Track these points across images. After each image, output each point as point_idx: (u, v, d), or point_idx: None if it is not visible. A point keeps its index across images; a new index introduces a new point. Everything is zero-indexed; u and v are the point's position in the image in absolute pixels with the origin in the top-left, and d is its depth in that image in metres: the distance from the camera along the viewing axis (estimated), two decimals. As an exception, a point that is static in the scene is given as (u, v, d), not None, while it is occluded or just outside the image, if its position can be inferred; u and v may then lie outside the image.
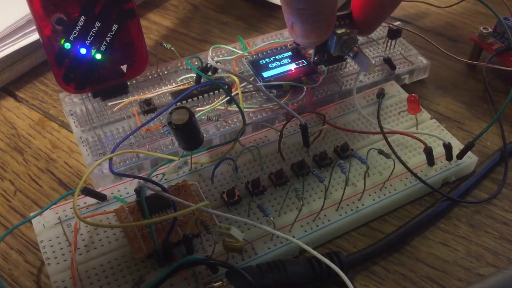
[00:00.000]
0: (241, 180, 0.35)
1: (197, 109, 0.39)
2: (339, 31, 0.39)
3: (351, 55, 0.39)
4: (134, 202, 0.33)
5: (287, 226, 0.33)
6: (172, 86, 0.41)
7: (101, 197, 0.34)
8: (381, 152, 0.34)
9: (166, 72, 0.43)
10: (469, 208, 0.36)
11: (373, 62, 0.38)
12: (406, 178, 0.36)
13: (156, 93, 0.40)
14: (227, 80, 0.41)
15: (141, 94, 0.40)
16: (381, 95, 0.40)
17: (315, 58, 0.42)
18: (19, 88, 0.44)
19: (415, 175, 0.35)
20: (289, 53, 0.42)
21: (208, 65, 0.40)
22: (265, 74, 0.41)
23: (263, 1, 0.52)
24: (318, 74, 0.42)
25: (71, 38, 0.36)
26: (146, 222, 0.30)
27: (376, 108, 0.39)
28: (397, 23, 0.44)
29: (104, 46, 0.38)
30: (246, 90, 0.40)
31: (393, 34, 0.44)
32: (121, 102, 0.39)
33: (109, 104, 0.40)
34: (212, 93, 0.40)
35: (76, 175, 0.38)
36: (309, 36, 0.34)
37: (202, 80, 0.40)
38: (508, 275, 0.31)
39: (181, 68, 0.43)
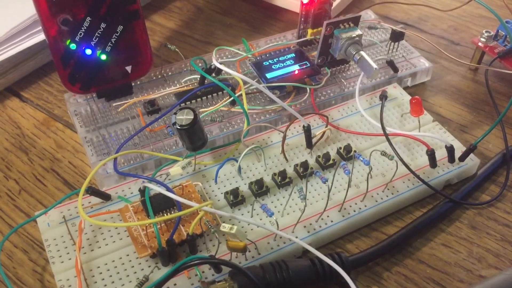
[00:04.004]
0: (244, 180, 0.36)
1: (201, 110, 0.39)
2: (344, 35, 0.40)
3: (355, 60, 0.39)
4: (138, 201, 0.33)
5: (290, 227, 0.33)
6: (176, 87, 0.41)
7: (106, 197, 0.34)
8: (383, 153, 0.34)
9: (170, 73, 0.43)
10: (471, 210, 0.36)
11: (377, 68, 0.38)
12: (409, 180, 0.36)
13: (160, 94, 0.40)
14: (230, 81, 0.41)
15: (146, 94, 0.41)
16: (384, 97, 0.40)
17: (319, 60, 0.42)
18: (24, 88, 0.45)
19: (418, 176, 0.35)
20: (292, 55, 0.43)
21: (212, 67, 0.40)
22: (269, 75, 0.41)
23: (267, 4, 0.53)
24: (321, 75, 0.42)
25: (77, 39, 0.37)
26: (150, 222, 0.30)
27: (379, 110, 0.39)
28: (400, 26, 0.44)
29: (109, 47, 0.38)
30: (250, 91, 0.41)
31: (396, 37, 0.44)
32: (126, 103, 0.40)
33: (114, 104, 0.40)
34: (216, 94, 0.41)
35: (81, 174, 0.38)
36: None
37: (206, 81, 0.41)
38: (510, 276, 0.31)
39: (185, 69, 0.43)
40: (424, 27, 0.52)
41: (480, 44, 0.45)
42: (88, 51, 0.37)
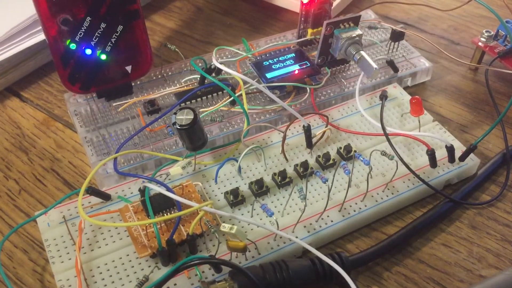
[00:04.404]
0: (244, 180, 0.36)
1: (201, 110, 0.39)
2: (344, 35, 0.40)
3: (355, 60, 0.39)
4: (138, 201, 0.33)
5: (290, 227, 0.33)
6: (176, 87, 0.41)
7: (106, 197, 0.34)
8: (383, 153, 0.34)
9: (170, 73, 0.43)
10: (471, 210, 0.36)
11: (377, 67, 0.38)
12: (409, 180, 0.36)
13: (160, 94, 0.40)
14: (230, 81, 0.41)
15: (146, 94, 0.41)
16: (384, 97, 0.40)
17: (319, 60, 0.42)
18: (24, 88, 0.45)
19: (418, 176, 0.35)
20: (292, 55, 0.43)
21: (212, 66, 0.40)
22: (269, 75, 0.41)
23: (266, 3, 0.53)
24: (321, 75, 0.42)
25: (77, 38, 0.37)
26: (150, 222, 0.30)
27: (379, 110, 0.39)
28: (400, 26, 0.44)
29: (109, 47, 0.38)
30: (250, 91, 0.41)
31: (396, 36, 0.44)
32: (126, 103, 0.40)
33: (114, 104, 0.40)
34: (216, 94, 0.41)
35: (81, 174, 0.38)
36: None
37: (206, 81, 0.41)
38: (510, 276, 0.31)
39: (185, 69, 0.43)
40: (424, 27, 0.52)
41: (480, 44, 0.45)
42: (88, 51, 0.37)
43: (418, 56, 0.46)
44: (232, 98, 0.38)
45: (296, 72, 0.41)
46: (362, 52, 0.39)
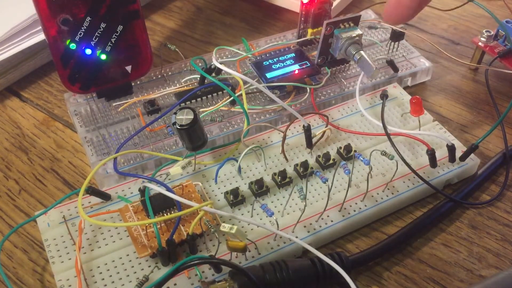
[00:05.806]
0: (244, 180, 0.36)
1: (201, 110, 0.39)
2: (344, 35, 0.40)
3: (355, 60, 0.39)
4: (138, 201, 0.33)
5: (290, 227, 0.33)
6: (176, 87, 0.41)
7: (106, 197, 0.34)
8: (383, 153, 0.34)
9: (170, 73, 0.43)
10: (471, 209, 0.36)
11: (377, 67, 0.38)
12: (409, 180, 0.36)
13: (160, 94, 0.40)
14: (230, 81, 0.41)
15: (145, 94, 0.41)
16: (384, 96, 0.40)
17: (319, 60, 0.42)
18: (24, 88, 0.45)
19: (419, 176, 0.35)
20: (292, 55, 0.43)
21: (212, 66, 0.40)
22: (269, 75, 0.41)
23: (267, 3, 0.53)
24: (321, 75, 0.42)
25: (77, 38, 0.37)
26: (150, 221, 0.30)
27: (379, 110, 0.39)
28: (400, 25, 0.44)
29: (109, 47, 0.38)
30: (250, 91, 0.41)
31: (396, 36, 0.44)
32: (126, 103, 0.40)
33: (114, 104, 0.40)
34: (216, 94, 0.41)
35: (81, 174, 0.38)
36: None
37: (206, 81, 0.41)
38: (510, 276, 0.31)
39: (185, 69, 0.43)
40: (424, 26, 0.52)
41: (480, 43, 0.45)
42: (88, 51, 0.37)
43: (418, 56, 0.46)
44: (232, 98, 0.38)
45: (296, 72, 0.41)
46: (362, 52, 0.39)
